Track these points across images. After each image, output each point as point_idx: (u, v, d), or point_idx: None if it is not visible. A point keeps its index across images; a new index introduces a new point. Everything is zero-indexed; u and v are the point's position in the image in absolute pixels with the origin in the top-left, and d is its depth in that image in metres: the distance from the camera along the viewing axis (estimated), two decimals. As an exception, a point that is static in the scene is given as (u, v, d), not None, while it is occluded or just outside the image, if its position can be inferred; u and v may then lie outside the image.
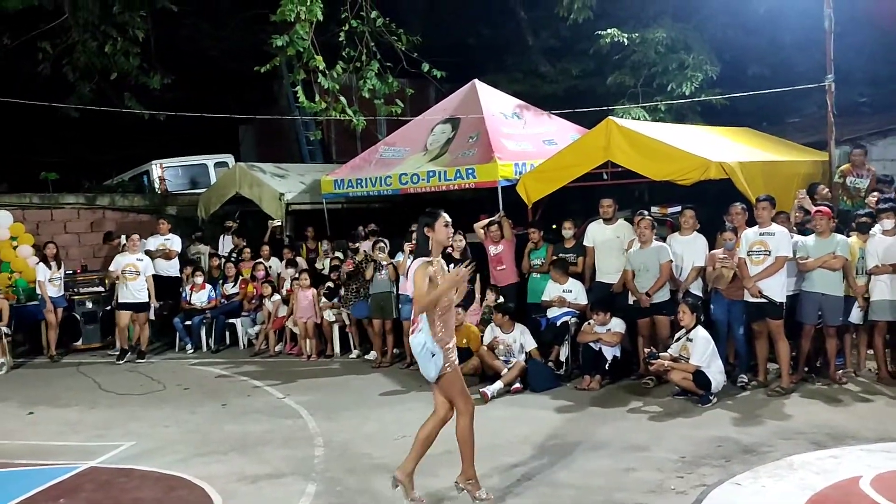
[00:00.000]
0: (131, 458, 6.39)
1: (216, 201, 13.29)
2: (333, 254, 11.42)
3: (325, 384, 8.91)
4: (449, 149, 10.91)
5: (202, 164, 16.17)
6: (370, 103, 12.79)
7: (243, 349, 11.28)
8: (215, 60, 17.66)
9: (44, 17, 13.78)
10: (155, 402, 8.37)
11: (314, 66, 11.00)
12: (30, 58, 14.38)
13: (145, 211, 14.30)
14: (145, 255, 11.19)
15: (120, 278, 10.78)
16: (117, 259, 11.02)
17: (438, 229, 5.00)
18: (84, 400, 8.56)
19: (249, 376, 9.46)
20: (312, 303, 10.25)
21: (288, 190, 12.25)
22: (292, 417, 7.50)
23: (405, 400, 8.07)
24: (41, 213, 13.33)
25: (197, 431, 7.13)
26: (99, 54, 14.13)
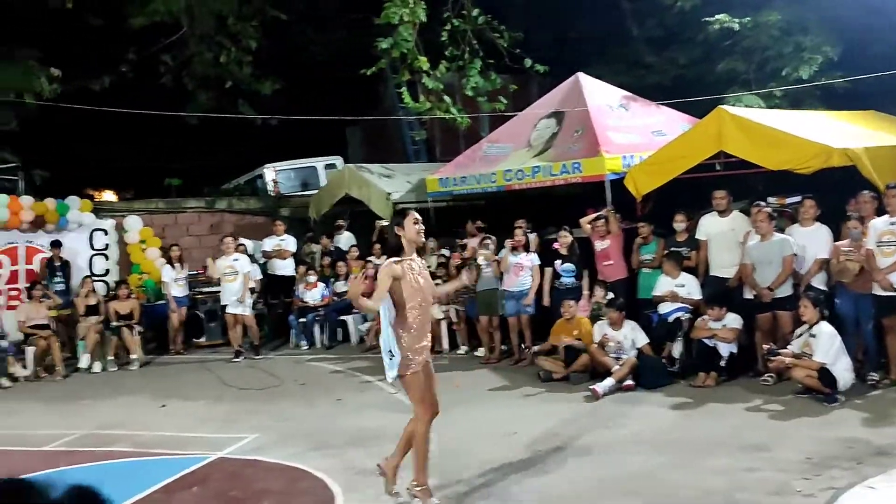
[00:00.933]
0: (256, 450, 6.69)
1: (326, 202, 13.67)
2: (439, 251, 11.56)
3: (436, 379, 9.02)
4: (554, 143, 10.84)
5: (312, 166, 16.68)
6: (473, 101, 12.88)
7: (355, 345, 11.59)
8: (322, 65, 18.17)
9: (165, 31, 14.59)
10: (274, 397, 8.73)
11: (418, 66, 11.19)
12: (153, 71, 15.27)
13: (260, 213, 14.89)
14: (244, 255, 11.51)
15: (222, 280, 11.19)
16: (217, 262, 11.45)
17: (408, 228, 5.00)
18: (210, 394, 9.02)
19: (362, 372, 9.70)
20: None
21: (394, 189, 12.47)
22: (404, 412, 7.59)
23: (514, 396, 8.10)
24: (166, 218, 14.11)
25: (315, 425, 7.38)
26: (214, 64, 14.86)
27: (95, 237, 12.92)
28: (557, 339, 8.62)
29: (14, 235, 12.18)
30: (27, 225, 12.14)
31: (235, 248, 11.35)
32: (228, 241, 11.40)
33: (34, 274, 12.07)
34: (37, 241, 12.38)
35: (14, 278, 12.14)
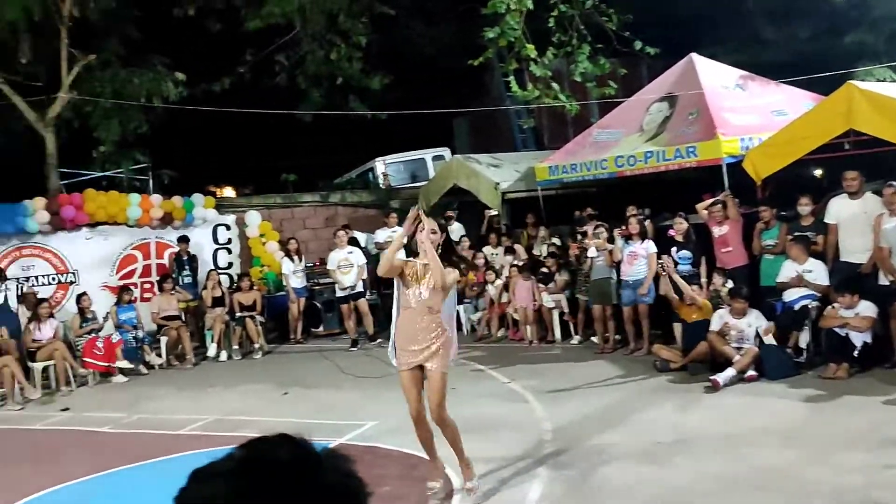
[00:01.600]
0: (375, 437, 6.88)
1: (435, 193, 13.82)
2: (550, 240, 11.50)
3: (549, 370, 9.00)
4: (667, 127, 10.54)
5: (421, 158, 16.90)
6: (582, 87, 12.69)
7: (466, 335, 11.69)
8: (429, 58, 18.34)
9: (279, 32, 15.11)
10: (391, 385, 8.84)
11: (525, 54, 11.12)
12: (268, 71, 15.85)
13: (372, 206, 15.21)
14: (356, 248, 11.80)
15: (337, 273, 11.49)
16: (331, 256, 11.72)
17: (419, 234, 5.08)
18: (329, 382, 9.32)
19: (475, 361, 9.78)
20: (531, 290, 10.39)
21: (503, 179, 12.46)
22: (519, 402, 7.67)
23: (630, 386, 7.96)
24: (284, 212, 14.65)
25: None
26: (326, 62, 15.26)
27: (219, 232, 13.58)
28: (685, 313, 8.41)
29: (146, 232, 12.96)
30: (157, 222, 12.89)
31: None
32: (341, 234, 11.72)
33: (164, 268, 12.81)
34: (166, 237, 13.12)
35: (147, 272, 12.93)
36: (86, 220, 12.28)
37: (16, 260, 11.85)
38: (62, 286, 12.16)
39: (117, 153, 13.96)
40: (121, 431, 7.83)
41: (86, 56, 13.03)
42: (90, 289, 11.70)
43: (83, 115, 13.53)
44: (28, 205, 11.82)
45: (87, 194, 12.38)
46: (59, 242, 12.21)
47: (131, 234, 12.83)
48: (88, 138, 13.87)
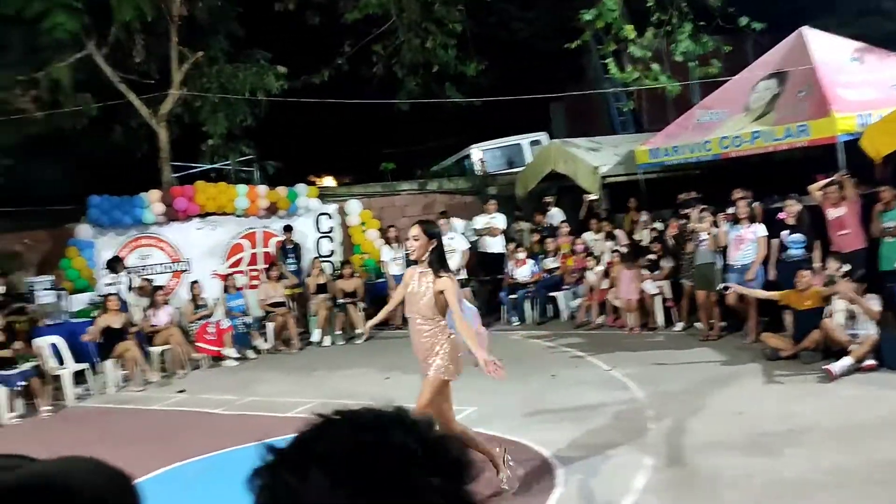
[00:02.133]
0: (475, 422, 6.91)
1: (533, 179, 13.74)
2: (652, 225, 11.24)
3: (651, 357, 8.83)
4: (776, 106, 10.10)
5: (517, 144, 16.82)
6: (682, 67, 12.29)
7: (565, 321, 11.60)
8: (524, 42, 18.20)
9: (375, 23, 15.32)
10: (490, 371, 8.95)
11: (624, 35, 10.86)
12: (365, 61, 16.11)
13: (469, 192, 15.26)
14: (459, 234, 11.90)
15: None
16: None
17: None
18: (429, 367, 9.43)
19: (574, 348, 9.70)
20: (633, 278, 10.20)
21: (602, 163, 12.26)
22: (621, 389, 7.56)
23: (737, 375, 7.70)
24: (383, 200, 14.90)
25: (531, 400, 7.50)
26: (422, 50, 15.37)
27: (321, 221, 13.95)
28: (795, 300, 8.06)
29: (252, 221, 13.46)
30: (263, 212, 13.36)
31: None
32: (443, 221, 11.83)
33: (270, 256, 13.28)
34: (271, 226, 13.59)
35: (254, 260, 13.44)
36: (197, 211, 12.87)
37: (134, 250, 12.55)
38: (176, 274, 12.79)
39: (224, 146, 14.53)
40: (233, 413, 8.18)
41: (194, 53, 13.61)
42: (201, 277, 12.26)
43: (192, 110, 14.15)
44: (144, 197, 12.49)
45: (197, 186, 12.97)
46: (172, 233, 12.84)
47: (239, 224, 13.35)
48: (197, 132, 14.50)
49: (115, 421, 8.52)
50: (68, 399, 9.38)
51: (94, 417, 8.83)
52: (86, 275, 11.81)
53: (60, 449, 3.97)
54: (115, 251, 12.07)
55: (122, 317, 10.18)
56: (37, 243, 12.43)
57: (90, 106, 13.13)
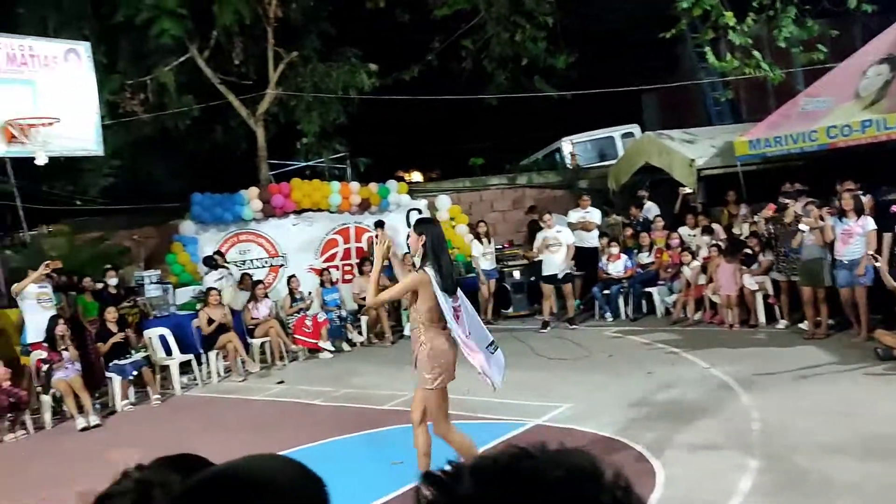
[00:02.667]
0: (570, 419, 6.88)
1: (626, 172, 13.50)
2: (751, 219, 10.87)
3: (752, 355, 8.55)
4: (888, 92, 9.57)
5: (609, 136, 16.56)
6: (785, 53, 11.82)
7: (661, 318, 11.36)
8: (615, 32, 17.85)
9: (464, 18, 15.35)
10: (584, 368, 8.88)
11: (723, 22, 10.51)
12: (455, 56, 16.17)
13: (559, 187, 15.13)
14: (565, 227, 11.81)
15: (543, 252, 11.55)
16: (539, 236, 11.81)
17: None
18: (522, 363, 9.39)
19: (671, 345, 9.49)
20: (734, 273, 9.88)
21: (698, 155, 11.91)
22: (722, 388, 7.35)
23: (847, 374, 7.37)
24: (472, 196, 14.94)
25: (627, 398, 7.38)
26: (511, 43, 15.31)
27: (411, 216, 14.08)
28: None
29: (345, 217, 13.75)
30: (356, 208, 13.63)
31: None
32: (548, 217, 11.72)
33: (362, 251, 13.52)
34: (364, 222, 13.84)
35: (347, 255, 13.72)
36: (293, 208, 13.23)
37: (234, 245, 13.01)
38: (273, 269, 13.20)
39: (318, 143, 14.88)
40: (330, 404, 8.39)
41: (289, 53, 13.98)
42: (297, 271, 12.61)
43: (288, 109, 14.55)
44: (244, 194, 12.92)
45: (293, 183, 13.33)
46: (270, 228, 13.25)
47: (332, 220, 13.66)
48: (292, 131, 14.90)
49: (219, 410, 8.88)
50: (175, 388, 9.84)
51: (200, 406, 9.22)
52: (189, 269, 12.32)
53: (172, 435, 4.22)
54: (216, 246, 12.55)
55: (223, 310, 10.57)
56: (145, 239, 13.07)
57: (193, 107, 13.68)
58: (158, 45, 12.54)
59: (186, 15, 12.34)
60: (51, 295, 9.62)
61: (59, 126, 9.17)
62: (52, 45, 9.77)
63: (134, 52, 13.39)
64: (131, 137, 13.85)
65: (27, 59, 9.30)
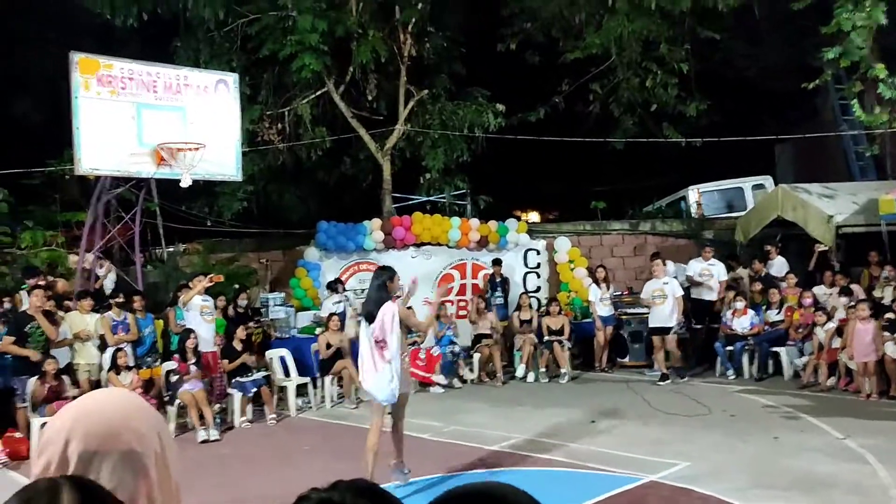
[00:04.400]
0: (688, 479, 6.55)
1: (755, 225, 12.96)
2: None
3: (892, 429, 7.92)
4: None
5: (738, 187, 15.99)
6: (940, 108, 11.10)
7: (788, 380, 10.74)
8: (751, 80, 17.34)
9: (594, 62, 15.32)
10: (703, 426, 8.48)
11: (874, 74, 10.00)
12: (582, 99, 16.14)
13: (683, 235, 14.69)
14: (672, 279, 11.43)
15: (650, 303, 11.21)
16: (646, 286, 11.48)
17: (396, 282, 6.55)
18: (637, 415, 9.11)
19: (798, 410, 8.93)
20: (873, 336, 9.25)
21: (837, 211, 11.29)
22: (857, 462, 6.84)
23: None
24: (592, 239, 14.73)
25: (751, 462, 6.98)
26: (640, 89, 15.14)
27: (529, 256, 14.05)
28: None
29: (463, 253, 13.85)
30: (474, 244, 13.71)
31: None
32: (658, 264, 11.44)
33: (478, 288, 13.55)
34: (481, 259, 13.89)
35: (462, 291, 13.79)
36: (413, 241, 13.46)
37: (354, 274, 13.34)
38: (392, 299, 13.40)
39: (441, 179, 15.12)
40: (439, 440, 8.37)
41: (420, 91, 14.36)
42: (414, 303, 12.73)
43: (414, 144, 14.89)
44: (367, 225, 13.26)
45: (415, 217, 13.58)
46: (390, 260, 13.45)
47: (450, 255, 13.78)
48: (417, 166, 15.22)
49: (331, 435, 9.03)
50: (291, 409, 10.10)
51: (312, 429, 9.42)
52: (311, 294, 12.71)
53: (284, 454, 4.29)
54: (337, 273, 12.90)
55: (340, 336, 10.80)
56: (272, 262, 13.60)
57: (325, 138, 14.25)
58: (299, 78, 13.16)
59: (327, 51, 12.91)
60: (212, 308, 10.15)
61: (203, 151, 9.75)
62: (204, 75, 10.45)
63: (275, 84, 14.12)
64: (265, 164, 14.53)
65: (181, 88, 9.99)
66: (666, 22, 14.08)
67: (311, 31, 12.60)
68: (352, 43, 13.60)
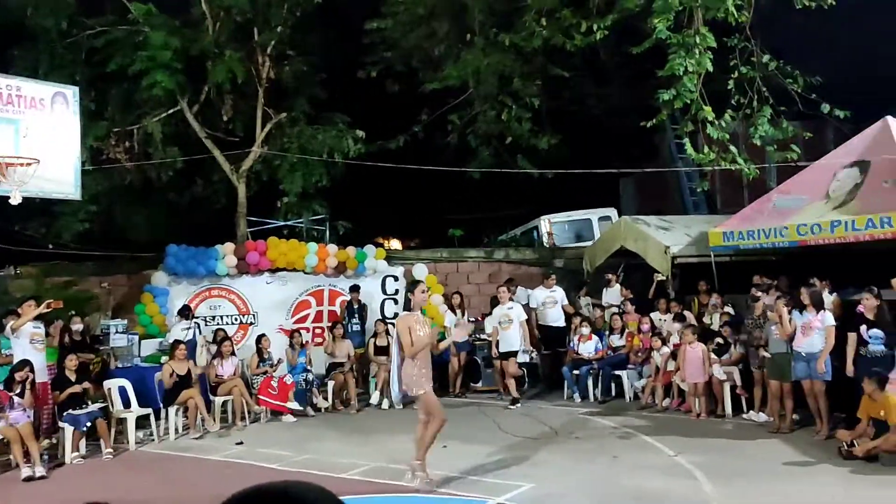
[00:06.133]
0: (532, 500, 6.75)
1: (601, 254, 13.65)
2: (723, 308, 10.99)
3: (719, 446, 8.51)
4: (857, 195, 9.85)
5: (586, 218, 16.80)
6: (760, 150, 12.18)
7: (629, 402, 11.31)
8: (598, 118, 18.35)
9: (453, 93, 15.69)
10: (549, 448, 8.76)
11: (703, 116, 10.84)
12: (441, 130, 16.47)
13: (535, 264, 15.23)
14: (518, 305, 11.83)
15: (499, 328, 11.52)
16: (494, 312, 11.82)
17: (417, 294, 7.32)
18: (487, 439, 9.28)
19: (638, 430, 9.42)
20: (702, 360, 9.93)
21: (673, 243, 12.10)
22: (687, 478, 7.29)
23: (813, 473, 7.35)
24: (449, 266, 14.99)
25: (592, 481, 7.29)
26: (496, 122, 15.65)
27: (387, 283, 14.07)
28: (865, 417, 7.71)
29: (320, 279, 13.69)
30: (332, 270, 13.58)
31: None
32: (504, 290, 11.81)
33: (335, 315, 13.43)
34: (339, 285, 13.78)
35: (319, 318, 13.61)
36: (268, 266, 13.17)
37: (205, 300, 12.86)
38: (242, 326, 13.03)
39: (299, 204, 14.93)
40: (288, 469, 8.17)
41: (278, 114, 14.16)
42: (267, 330, 12.44)
43: (272, 168, 14.63)
44: (219, 249, 12.86)
45: (270, 242, 13.30)
46: (242, 285, 13.14)
47: (307, 281, 13.59)
48: (274, 190, 14.95)
49: (173, 468, 8.61)
50: (130, 443, 9.54)
51: (153, 463, 8.93)
52: (157, 321, 12.14)
53: (118, 491, 4.07)
54: (186, 300, 12.39)
55: (187, 364, 10.37)
56: (115, 287, 12.88)
57: (177, 158, 13.73)
58: (149, 95, 12.65)
59: (180, 69, 12.50)
60: (43, 336, 9.42)
61: (38, 167, 9.12)
62: (40, 86, 9.80)
63: (123, 101, 13.49)
64: (111, 184, 13.81)
65: (13, 99, 9.31)
66: (520, 59, 14.65)
67: (163, 48, 12.17)
68: (207, 62, 13.26)
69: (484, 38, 14.34)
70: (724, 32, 11.38)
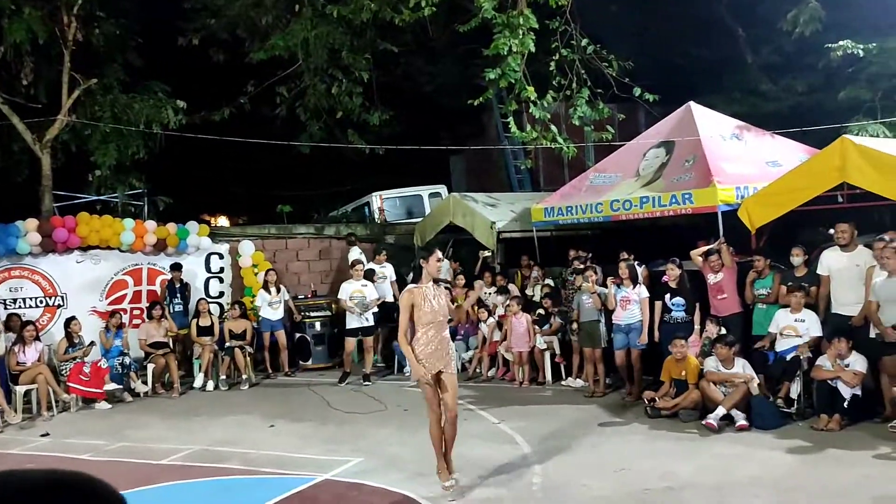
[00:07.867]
0: (361, 474, 6.77)
1: (431, 230, 13.84)
2: (544, 281, 11.50)
3: (539, 412, 8.93)
4: (663, 174, 10.62)
5: (417, 194, 16.95)
6: (579, 130, 12.80)
7: (458, 373, 11.57)
8: (429, 95, 18.53)
9: (281, 65, 15.24)
10: (379, 422, 8.82)
11: (526, 96, 11.20)
12: (269, 102, 15.95)
13: (367, 240, 15.19)
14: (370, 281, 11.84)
15: (348, 305, 11.46)
16: (344, 287, 11.70)
17: (431, 263, 6.15)
18: (316, 416, 9.20)
19: (464, 400, 9.65)
20: (527, 329, 10.35)
21: (499, 218, 12.49)
22: (508, 443, 7.59)
23: (623, 431, 7.89)
24: (277, 243, 14.61)
25: (419, 452, 7.38)
26: (327, 96, 15.38)
27: (212, 261, 13.51)
28: (667, 378, 8.38)
29: (138, 257, 12.90)
30: (150, 248, 12.83)
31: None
32: (359, 268, 11.68)
33: (155, 294, 12.72)
34: (159, 264, 13.06)
35: (137, 298, 12.83)
36: (78, 244, 12.21)
37: (3, 281, 11.75)
38: (49, 309, 12.04)
39: (113, 177, 13.94)
40: (101, 459, 7.68)
41: (87, 80, 13.10)
42: (78, 313, 11.58)
43: (81, 138, 13.53)
44: (20, 226, 11.76)
45: (80, 217, 12.34)
46: (48, 265, 12.11)
47: (123, 260, 12.76)
48: (85, 162, 13.87)
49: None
50: (-86, 440, 8.58)
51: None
52: (-53, 305, 10.95)
53: None
54: (-18, 281, 11.27)
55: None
56: None
57: (-32, 126, 12.38)
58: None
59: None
60: None
61: None
62: None
63: None
64: None
65: None
66: (350, 32, 14.45)
67: (-53, 1, 10.89)
68: (3, 20, 12.01)
69: (312, 9, 13.99)
70: (546, 15, 11.81)
